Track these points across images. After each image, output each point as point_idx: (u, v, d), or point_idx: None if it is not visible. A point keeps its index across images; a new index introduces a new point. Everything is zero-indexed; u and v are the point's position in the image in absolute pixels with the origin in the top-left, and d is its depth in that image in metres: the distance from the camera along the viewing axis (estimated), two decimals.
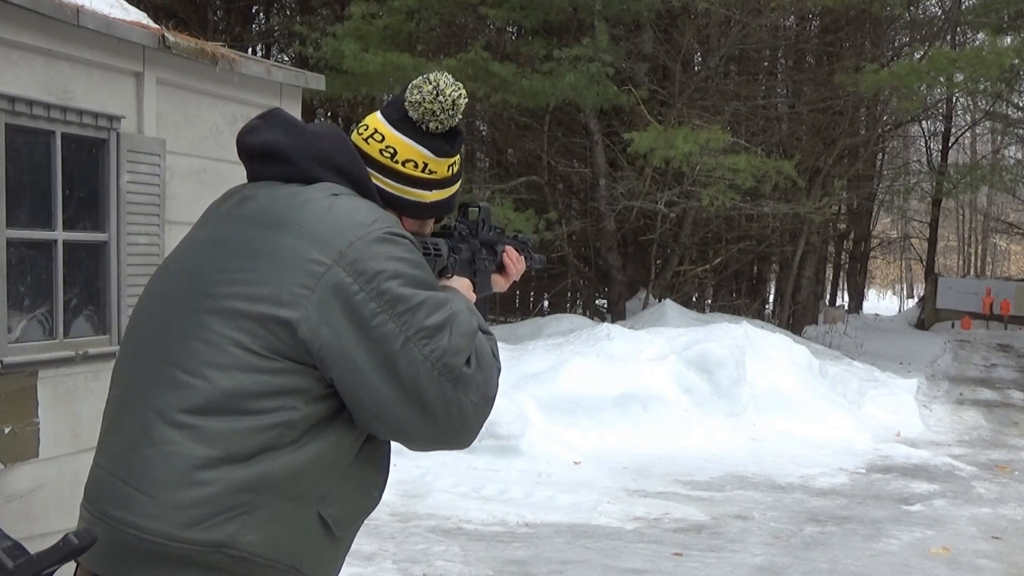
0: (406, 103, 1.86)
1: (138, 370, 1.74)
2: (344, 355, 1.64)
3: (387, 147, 1.87)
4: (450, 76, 1.88)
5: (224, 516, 1.60)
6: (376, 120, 1.90)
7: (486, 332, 1.84)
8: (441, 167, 1.90)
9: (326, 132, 1.83)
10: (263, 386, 1.63)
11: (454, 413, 1.70)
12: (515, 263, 2.25)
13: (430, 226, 2.01)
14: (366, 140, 1.88)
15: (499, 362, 1.84)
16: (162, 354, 1.70)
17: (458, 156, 1.95)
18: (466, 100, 1.88)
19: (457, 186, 1.97)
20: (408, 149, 1.87)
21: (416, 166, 1.88)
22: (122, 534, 1.62)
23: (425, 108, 1.84)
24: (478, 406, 1.73)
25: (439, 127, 1.87)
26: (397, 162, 1.87)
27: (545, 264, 2.53)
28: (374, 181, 1.86)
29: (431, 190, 1.91)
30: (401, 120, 1.87)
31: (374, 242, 1.67)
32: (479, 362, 1.74)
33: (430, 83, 1.84)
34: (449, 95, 1.84)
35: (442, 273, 1.98)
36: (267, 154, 1.81)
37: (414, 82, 1.87)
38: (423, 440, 1.75)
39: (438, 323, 1.68)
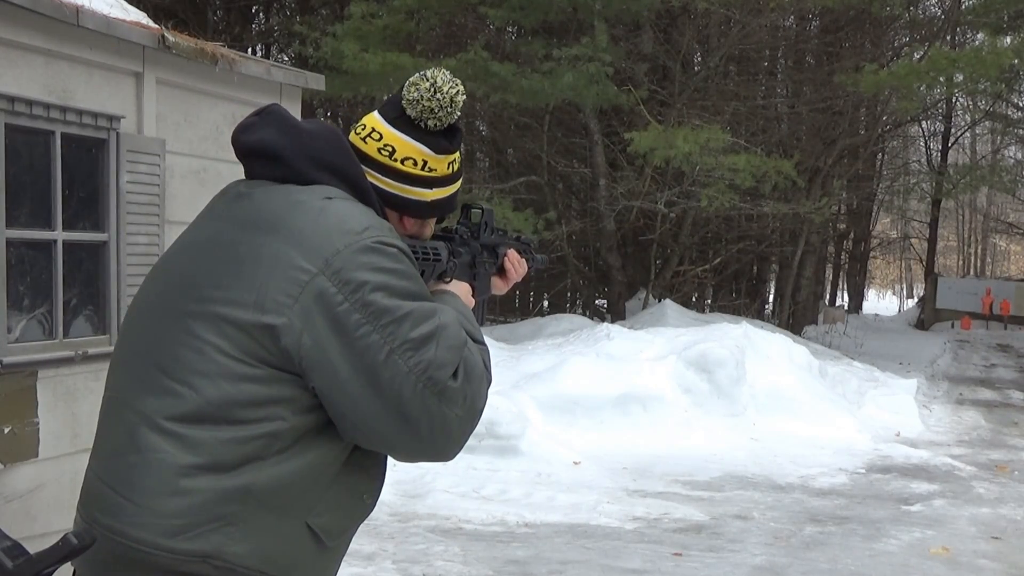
0: (403, 101, 1.83)
1: (128, 374, 1.73)
2: (326, 365, 1.61)
3: (385, 145, 1.84)
4: (448, 73, 1.84)
5: (209, 526, 1.59)
6: (374, 119, 1.87)
7: (479, 342, 1.81)
8: (441, 164, 1.87)
9: (321, 132, 1.80)
10: (249, 395, 1.61)
11: (437, 426, 1.67)
12: (516, 266, 2.22)
13: (431, 226, 1.98)
14: (364, 139, 1.85)
15: (490, 373, 1.80)
16: (150, 359, 1.69)
17: (458, 153, 1.91)
18: (464, 97, 1.85)
19: (458, 184, 1.94)
20: (407, 147, 1.84)
21: (415, 164, 1.84)
22: (110, 541, 1.61)
23: (423, 106, 1.81)
24: (463, 420, 1.70)
25: (437, 124, 1.83)
26: (396, 160, 1.84)
27: (547, 264, 2.52)
28: (373, 181, 1.83)
29: (431, 188, 1.88)
30: (399, 118, 1.84)
31: (361, 251, 1.64)
32: (466, 375, 1.70)
33: (427, 80, 1.81)
34: (447, 92, 1.81)
35: (441, 277, 1.96)
36: (261, 154, 1.77)
37: (411, 79, 1.84)
38: (406, 452, 1.72)
39: (424, 335, 1.65)
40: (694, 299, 23.33)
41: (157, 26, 4.64)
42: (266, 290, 1.62)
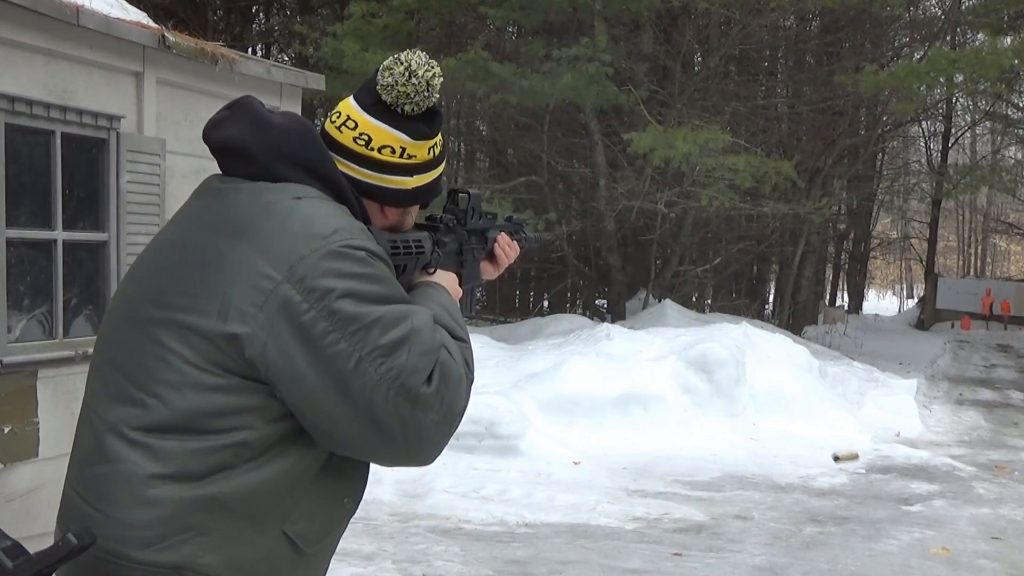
0: (378, 87, 1.74)
1: (98, 381, 1.69)
2: (294, 376, 1.56)
3: (361, 134, 1.75)
4: (423, 55, 1.75)
5: (179, 537, 1.56)
6: (348, 106, 1.78)
7: (460, 339, 1.74)
8: (421, 150, 1.79)
9: (292, 126, 1.72)
10: (217, 405, 1.57)
11: (412, 433, 1.61)
12: (507, 250, 2.16)
13: (414, 213, 1.90)
14: (339, 128, 1.77)
15: (472, 372, 1.74)
16: (118, 367, 1.65)
17: (439, 137, 1.83)
18: (441, 79, 1.76)
19: (441, 168, 1.86)
20: (383, 135, 1.75)
21: (393, 152, 1.76)
22: (85, 553, 1.57)
23: (398, 91, 1.73)
24: (439, 424, 1.64)
25: (415, 109, 1.75)
26: (373, 149, 1.75)
27: (542, 242, 2.47)
28: (350, 172, 1.76)
29: (412, 175, 1.80)
30: (374, 104, 1.75)
31: (327, 257, 1.57)
32: (443, 379, 1.64)
33: (402, 64, 1.72)
34: (423, 75, 1.72)
35: (426, 268, 1.91)
36: (231, 151, 1.71)
37: (384, 63, 1.75)
38: (382, 458, 1.68)
39: (395, 340, 1.59)
40: (694, 299, 23.30)
41: (157, 26, 4.64)
42: (229, 298, 1.57)
